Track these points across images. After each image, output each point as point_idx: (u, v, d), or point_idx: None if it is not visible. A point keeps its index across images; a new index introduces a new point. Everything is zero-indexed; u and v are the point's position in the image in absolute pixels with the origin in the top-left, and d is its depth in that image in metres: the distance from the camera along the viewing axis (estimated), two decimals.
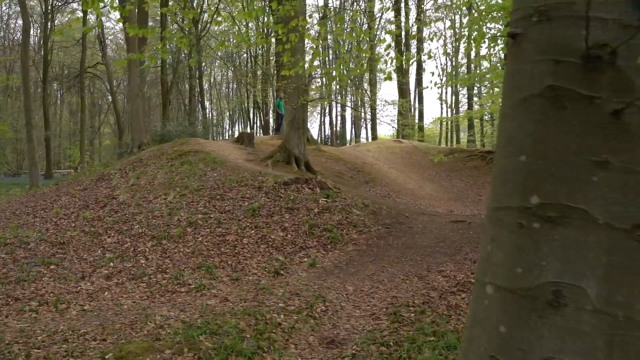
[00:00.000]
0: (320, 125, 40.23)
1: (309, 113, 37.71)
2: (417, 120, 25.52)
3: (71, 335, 3.36)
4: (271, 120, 28.12)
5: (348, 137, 38.37)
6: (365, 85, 27.94)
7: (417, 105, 29.34)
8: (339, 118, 37.64)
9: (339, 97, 28.61)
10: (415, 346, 3.18)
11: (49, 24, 28.10)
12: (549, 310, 0.92)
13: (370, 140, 26.56)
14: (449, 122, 35.53)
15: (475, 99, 29.14)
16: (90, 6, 3.53)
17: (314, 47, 10.43)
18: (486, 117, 25.78)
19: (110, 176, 8.93)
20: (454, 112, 32.83)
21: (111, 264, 5.40)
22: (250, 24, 24.19)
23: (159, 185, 7.96)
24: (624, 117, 0.85)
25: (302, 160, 9.80)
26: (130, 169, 9.19)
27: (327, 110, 36.24)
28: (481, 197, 12.94)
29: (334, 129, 36.26)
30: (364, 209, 7.04)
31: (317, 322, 3.67)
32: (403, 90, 22.37)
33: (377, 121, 26.43)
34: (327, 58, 28.03)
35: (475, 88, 27.68)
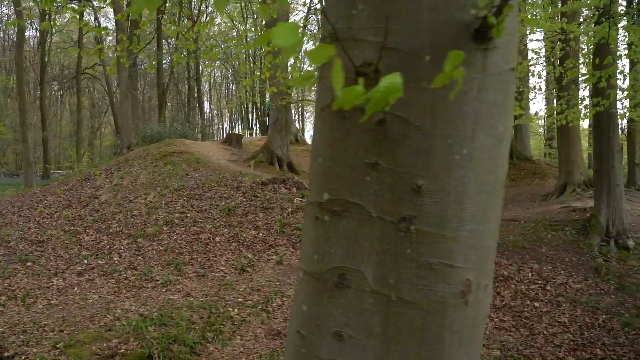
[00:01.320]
0: None
1: (309, 114, 37.73)
2: None
3: (31, 327, 3.53)
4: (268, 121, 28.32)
5: None
6: None
7: None
8: None
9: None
10: None
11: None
12: (336, 291, 1.08)
13: None
14: None
15: None
16: (44, 5, 3.69)
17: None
18: None
19: (96, 176, 9.12)
20: None
21: (85, 261, 5.58)
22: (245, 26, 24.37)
23: (140, 185, 8.13)
24: (386, 125, 1.01)
25: (285, 160, 9.96)
26: (115, 169, 9.37)
27: None
28: None
29: None
30: None
31: (269, 316, 3.83)
32: None
33: None
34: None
35: None
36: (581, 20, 7.57)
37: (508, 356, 3.87)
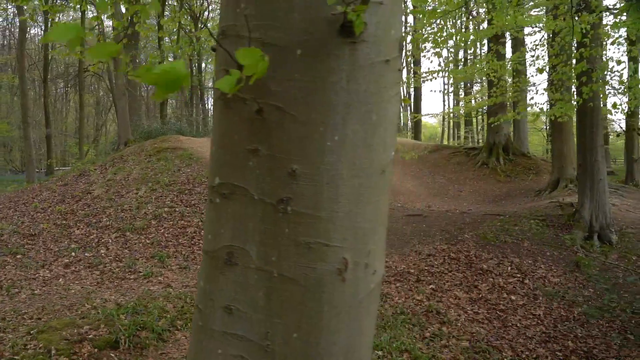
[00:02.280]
0: None
1: None
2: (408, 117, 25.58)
3: (11, 315, 3.66)
4: None
5: None
6: None
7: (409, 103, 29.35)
8: None
9: None
10: None
11: (49, 22, 28.57)
12: (226, 268, 1.16)
13: None
14: (450, 119, 35.49)
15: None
16: (21, 2, 3.80)
17: None
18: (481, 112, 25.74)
19: (91, 172, 9.26)
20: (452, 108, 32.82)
21: (73, 253, 5.71)
22: None
23: (133, 181, 8.26)
24: (264, 114, 1.09)
25: None
26: (110, 165, 9.52)
27: None
28: (461, 193, 13.09)
29: None
30: None
31: None
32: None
33: None
34: None
35: (477, 85, 27.68)
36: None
37: (476, 347, 3.94)
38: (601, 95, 6.28)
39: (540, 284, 5.34)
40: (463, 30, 17.71)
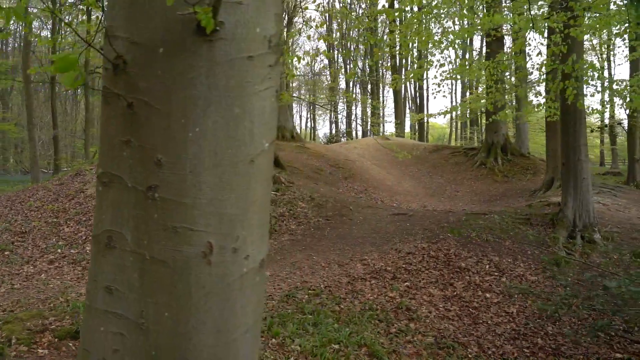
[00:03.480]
0: (330, 123, 40.88)
1: (321, 111, 37.79)
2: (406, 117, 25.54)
3: None
4: None
5: (355, 135, 38.71)
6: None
7: (408, 103, 29.31)
8: (342, 116, 37.92)
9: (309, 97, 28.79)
10: (282, 321, 3.50)
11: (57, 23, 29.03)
12: (107, 251, 1.25)
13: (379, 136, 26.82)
14: (456, 119, 35.32)
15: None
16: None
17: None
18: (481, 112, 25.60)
19: (86, 172, 9.45)
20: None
21: (59, 250, 5.86)
22: None
23: None
24: (134, 108, 1.17)
25: None
26: None
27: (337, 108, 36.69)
28: (458, 193, 13.07)
29: (339, 126, 36.65)
30: (309, 202, 7.34)
31: None
32: (397, 89, 22.46)
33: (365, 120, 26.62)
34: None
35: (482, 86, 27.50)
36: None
37: (441, 343, 3.98)
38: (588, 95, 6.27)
39: (517, 282, 5.35)
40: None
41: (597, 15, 5.04)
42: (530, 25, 4.18)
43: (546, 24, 4.62)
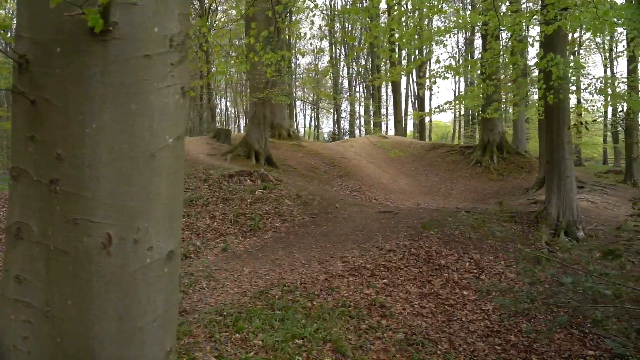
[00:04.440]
0: (333, 123, 41.01)
1: (325, 110, 37.88)
2: (406, 115, 25.50)
3: None
4: None
5: (358, 133, 38.74)
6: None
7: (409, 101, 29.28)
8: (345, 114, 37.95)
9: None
10: (249, 316, 3.55)
11: None
12: (16, 241, 1.30)
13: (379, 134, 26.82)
14: (459, 117, 35.24)
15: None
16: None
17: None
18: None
19: None
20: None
21: None
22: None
23: None
24: (37, 106, 1.23)
25: (263, 154, 10.20)
26: None
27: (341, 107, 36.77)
28: (452, 191, 13.06)
29: (342, 125, 36.70)
30: (296, 200, 7.39)
31: (184, 297, 4.08)
32: (396, 87, 22.48)
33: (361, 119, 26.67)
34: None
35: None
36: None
37: (411, 340, 4.02)
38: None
39: (495, 280, 5.37)
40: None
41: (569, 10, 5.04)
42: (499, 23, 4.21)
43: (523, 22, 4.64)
